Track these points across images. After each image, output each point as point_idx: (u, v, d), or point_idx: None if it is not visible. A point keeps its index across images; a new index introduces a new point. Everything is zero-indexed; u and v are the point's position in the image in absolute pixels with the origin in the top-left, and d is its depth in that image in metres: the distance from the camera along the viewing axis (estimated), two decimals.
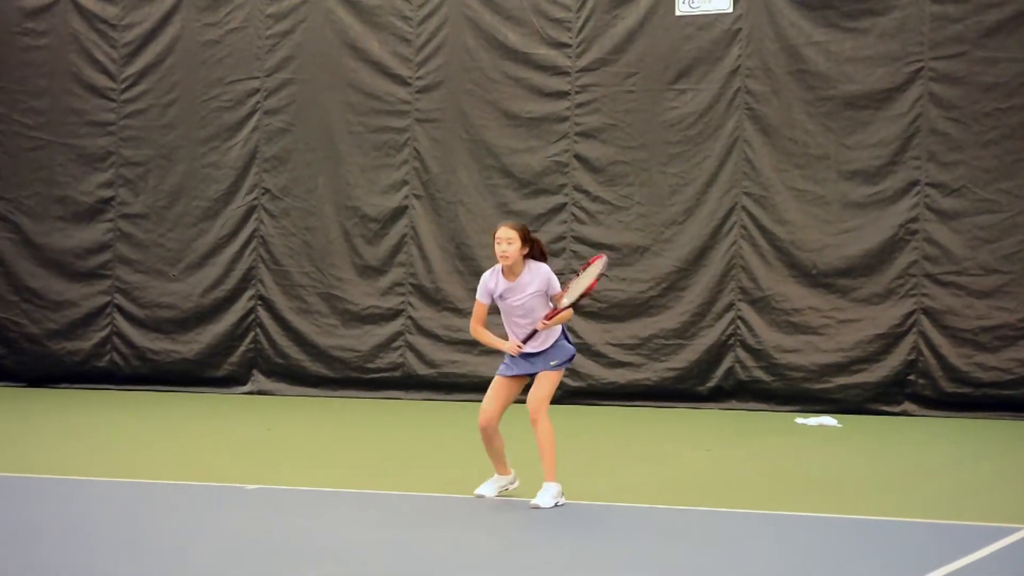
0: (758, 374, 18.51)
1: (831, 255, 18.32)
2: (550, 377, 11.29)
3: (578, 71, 19.18)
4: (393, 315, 19.81)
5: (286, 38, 20.18)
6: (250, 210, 20.33)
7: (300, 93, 20.15)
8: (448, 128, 19.64)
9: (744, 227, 18.63)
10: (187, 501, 11.42)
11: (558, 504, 11.06)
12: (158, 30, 20.64)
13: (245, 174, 20.33)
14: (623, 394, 18.88)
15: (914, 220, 18.07)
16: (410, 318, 19.73)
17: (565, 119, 19.22)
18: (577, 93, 19.17)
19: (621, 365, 18.96)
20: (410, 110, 19.77)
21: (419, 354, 19.57)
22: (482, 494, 11.40)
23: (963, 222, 17.94)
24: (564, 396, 18.95)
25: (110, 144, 20.83)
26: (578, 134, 19.17)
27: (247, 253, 20.32)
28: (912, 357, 18.05)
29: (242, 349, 20.36)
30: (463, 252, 19.42)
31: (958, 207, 17.93)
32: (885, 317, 18.15)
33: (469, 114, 19.55)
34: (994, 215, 17.85)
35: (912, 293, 18.09)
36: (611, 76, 19.07)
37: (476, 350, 18.49)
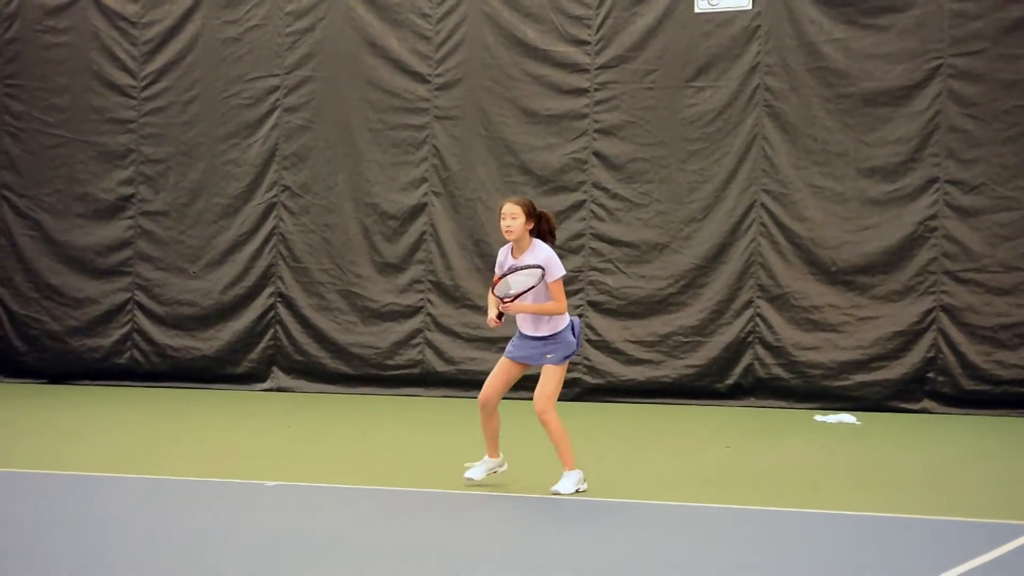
0: (777, 371, 18.50)
1: (850, 252, 18.31)
2: (552, 372, 11.43)
3: (597, 68, 19.18)
4: (412, 312, 19.83)
5: (306, 35, 20.22)
6: (270, 207, 20.37)
7: (320, 90, 20.18)
8: (467, 125, 19.65)
9: (763, 224, 18.62)
10: (206, 497, 11.45)
11: (579, 490, 11.28)
12: (178, 27, 20.68)
13: (265, 171, 20.37)
14: (642, 391, 18.88)
15: (933, 217, 18.05)
16: (429, 315, 19.75)
17: (584, 116, 19.23)
18: (596, 90, 19.18)
19: (640, 362, 18.96)
20: (429, 107, 19.79)
21: (438, 351, 19.59)
22: (471, 477, 11.68)
23: (982, 219, 17.91)
24: (583, 393, 18.99)
25: (130, 141, 20.88)
26: (597, 131, 19.17)
27: (267, 250, 20.36)
28: (931, 354, 18.03)
29: (262, 346, 20.40)
30: (482, 249, 19.42)
31: (977, 204, 17.91)
32: (904, 314, 18.13)
33: (488, 111, 19.57)
34: (1013, 212, 17.82)
35: (931, 290, 18.07)
36: (630, 73, 19.07)
37: (495, 347, 18.49)
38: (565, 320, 11.49)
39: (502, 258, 11.61)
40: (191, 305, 20.66)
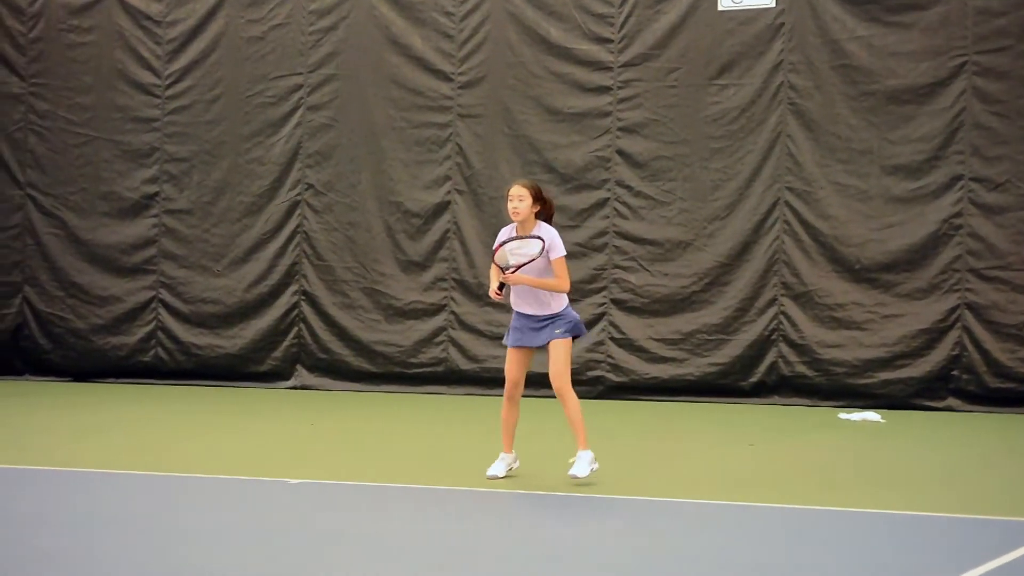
0: (801, 369, 18.47)
1: (874, 250, 18.27)
2: (562, 347, 11.80)
3: (620, 66, 19.17)
4: (436, 310, 19.85)
5: (329, 34, 20.25)
6: (293, 205, 20.41)
7: (343, 89, 20.21)
8: (490, 123, 19.66)
9: (787, 222, 18.60)
10: (230, 495, 11.48)
11: (593, 469, 11.64)
12: (202, 26, 20.73)
13: (289, 170, 20.41)
14: (665, 389, 18.87)
15: (958, 215, 18.01)
16: (453, 313, 19.77)
17: (607, 114, 19.22)
18: (619, 88, 19.17)
19: (663, 360, 18.95)
20: (452, 106, 19.81)
21: (462, 349, 19.61)
22: (495, 474, 11.93)
23: (1007, 217, 17.86)
24: (606, 391, 19.00)
25: (155, 140, 20.94)
26: (620, 129, 19.17)
27: (291, 248, 20.40)
28: (956, 352, 17.99)
29: (286, 344, 20.44)
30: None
31: (1002, 202, 17.86)
32: (929, 312, 18.09)
33: (511, 109, 19.57)
34: None
35: (956, 288, 18.02)
36: (653, 71, 19.06)
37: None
38: (565, 300, 11.86)
39: (504, 236, 11.89)
40: (215, 303, 20.71)
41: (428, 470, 12.72)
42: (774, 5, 18.57)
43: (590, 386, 19.04)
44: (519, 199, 11.78)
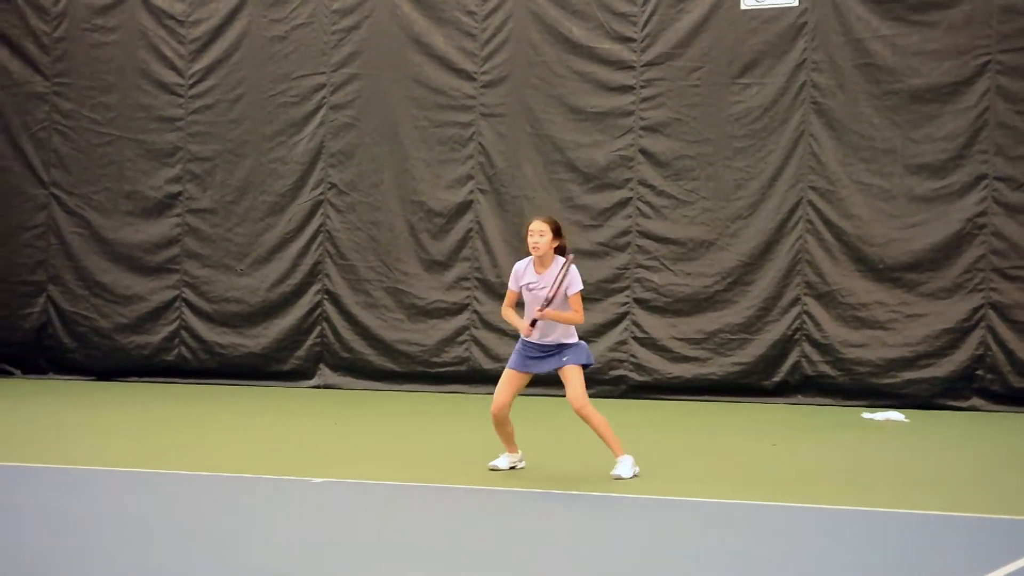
0: (824, 369, 18.44)
1: (898, 249, 18.24)
2: (576, 372, 11.92)
3: (643, 65, 19.16)
4: (458, 309, 19.86)
5: (351, 33, 20.27)
6: (316, 205, 20.44)
7: (366, 88, 20.23)
8: (513, 123, 19.67)
9: (810, 221, 18.57)
10: (254, 494, 11.49)
11: (636, 473, 11.87)
12: (225, 26, 20.77)
13: (311, 169, 20.43)
14: (688, 388, 18.86)
15: (981, 214, 17.96)
16: (475, 312, 19.78)
17: (630, 113, 19.21)
18: (642, 87, 19.16)
19: (686, 360, 18.94)
20: (475, 105, 19.81)
21: (484, 348, 19.62)
22: (496, 466, 12.27)
23: None
24: (629, 391, 18.99)
25: (178, 139, 20.98)
26: (643, 128, 19.16)
27: (313, 248, 20.43)
28: (980, 352, 17.95)
29: (309, 343, 20.47)
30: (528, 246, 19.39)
31: None
32: (952, 312, 18.05)
33: (534, 109, 19.58)
34: None
35: (980, 288, 17.98)
36: (676, 70, 19.04)
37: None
38: (574, 332, 12.01)
39: (520, 272, 12.01)
40: (238, 302, 20.75)
41: (451, 469, 12.72)
42: (797, 4, 18.54)
43: (613, 385, 19.04)
44: (539, 234, 11.89)
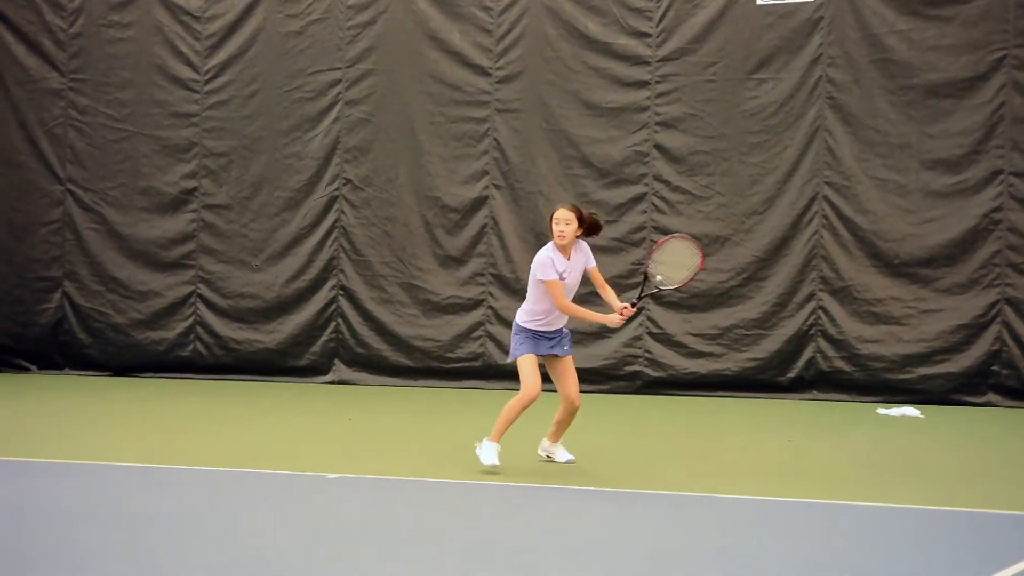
0: (839, 364, 18.42)
1: (913, 245, 18.21)
2: (572, 363, 12.19)
3: (658, 60, 19.15)
4: (473, 305, 19.87)
5: (367, 29, 20.28)
6: (331, 200, 20.45)
7: (381, 84, 20.24)
8: (528, 118, 19.66)
9: (825, 217, 18.55)
10: (268, 489, 11.51)
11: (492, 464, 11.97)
12: (240, 21, 20.79)
13: (327, 164, 20.45)
14: (704, 384, 18.84)
15: (997, 209, 17.93)
16: (490, 308, 19.78)
17: (645, 109, 19.20)
18: (657, 83, 19.15)
19: (702, 355, 18.93)
20: (490, 100, 19.81)
21: (499, 344, 19.61)
22: (559, 458, 12.41)
23: None
24: (644, 386, 18.99)
25: (193, 135, 21.00)
26: (658, 124, 19.14)
27: (328, 243, 20.44)
28: (996, 347, 17.92)
29: (324, 339, 20.48)
30: (543, 242, 19.26)
31: None
32: (968, 307, 18.02)
33: (549, 104, 19.57)
34: None
35: (995, 283, 17.94)
36: (691, 65, 19.03)
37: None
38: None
39: (556, 260, 12.03)
40: (253, 298, 20.77)
41: (466, 465, 12.72)
42: None
43: (628, 381, 19.04)
44: (566, 223, 11.95)
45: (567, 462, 12.27)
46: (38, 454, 13.12)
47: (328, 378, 20.38)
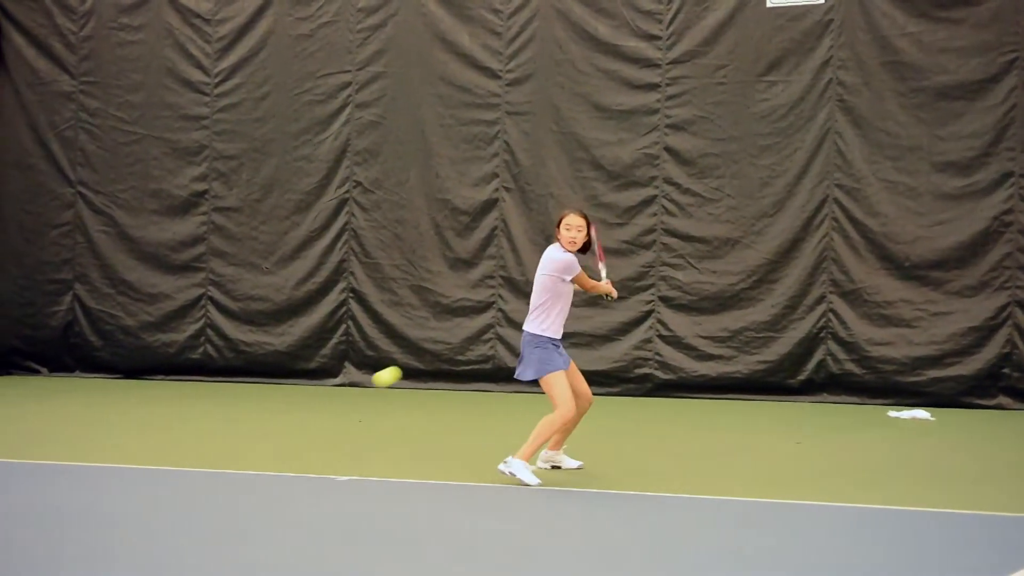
0: (850, 367, 18.41)
1: (924, 247, 18.19)
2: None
3: (668, 63, 19.14)
4: (483, 308, 19.87)
5: (377, 32, 20.29)
6: (342, 203, 20.46)
7: (391, 86, 20.25)
8: (538, 121, 19.67)
9: (836, 219, 18.53)
10: (279, 492, 11.51)
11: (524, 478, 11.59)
12: (251, 24, 20.82)
13: (337, 167, 20.47)
14: (713, 387, 18.83)
15: (1008, 212, 17.90)
16: (500, 310, 19.78)
17: (655, 111, 19.20)
18: (667, 85, 19.14)
19: (711, 358, 18.92)
20: (500, 103, 19.82)
21: (509, 346, 19.61)
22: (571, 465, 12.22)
23: None
24: (654, 389, 18.98)
25: (204, 138, 21.03)
26: (668, 126, 19.14)
27: (339, 246, 20.46)
28: (1007, 350, 17.89)
29: (334, 341, 20.50)
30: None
31: None
32: (979, 310, 18.00)
33: (559, 107, 19.57)
34: None
35: (1006, 285, 17.92)
36: (701, 68, 19.02)
37: (567, 342, 18.48)
38: None
39: (573, 259, 11.93)
40: (264, 300, 20.79)
41: (476, 468, 12.72)
42: (823, 1, 18.51)
43: (638, 383, 19.04)
44: (578, 229, 11.79)
45: (577, 468, 12.20)
46: (48, 456, 13.13)
47: (338, 380, 20.40)
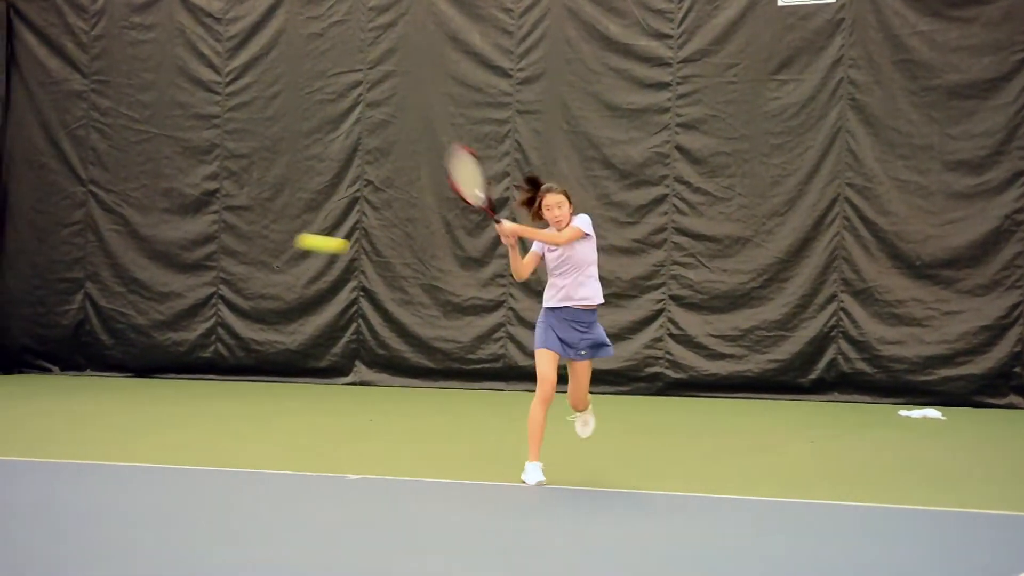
0: (861, 366, 18.38)
1: (935, 246, 18.17)
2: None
3: (679, 62, 19.13)
4: (494, 306, 19.87)
5: (388, 30, 20.30)
6: (352, 202, 20.47)
7: (402, 85, 20.26)
8: (549, 120, 19.66)
9: (847, 218, 18.51)
10: (290, 490, 11.52)
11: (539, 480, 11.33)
12: (262, 23, 20.84)
13: (348, 166, 20.48)
14: (724, 386, 18.82)
15: (1020, 211, 17.87)
16: (511, 309, 19.78)
17: (666, 110, 19.18)
18: (678, 84, 19.13)
19: (722, 357, 18.90)
20: (511, 102, 19.82)
21: (520, 345, 19.61)
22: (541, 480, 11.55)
23: None
24: (664, 388, 18.97)
25: (215, 137, 21.05)
26: (679, 125, 19.13)
27: (350, 245, 20.45)
28: (1018, 349, 17.86)
29: (345, 340, 20.51)
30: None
31: None
32: (990, 308, 17.97)
33: (570, 105, 19.57)
34: None
35: (1018, 284, 17.89)
36: (712, 67, 19.01)
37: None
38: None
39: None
40: (275, 299, 20.81)
41: (487, 467, 12.72)
42: (834, 0, 18.49)
43: (648, 382, 19.03)
44: (558, 207, 11.78)
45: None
46: (60, 455, 13.15)
47: (349, 379, 20.41)
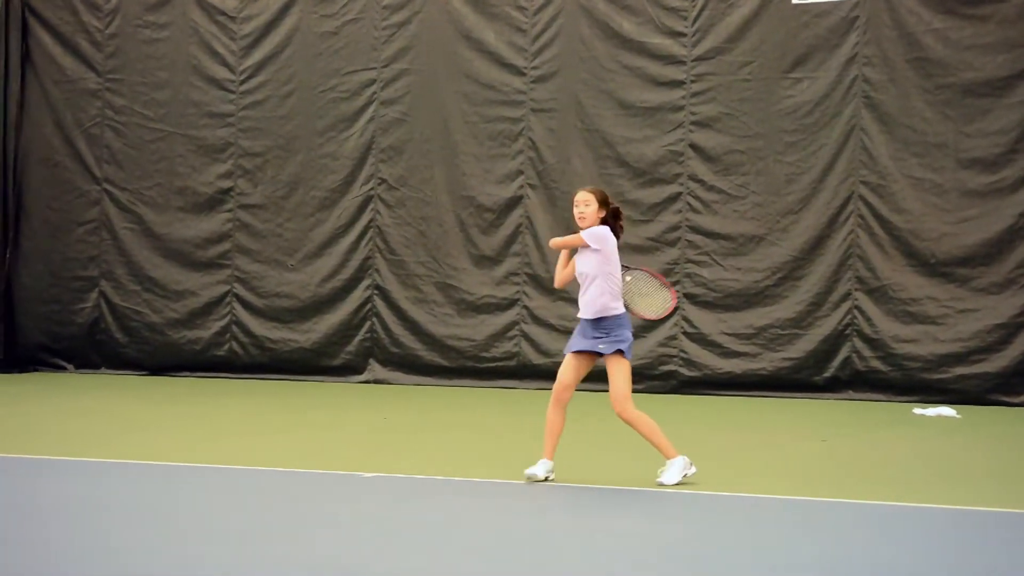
0: (875, 364, 18.36)
1: (949, 244, 18.14)
2: (617, 365, 11.73)
3: (693, 60, 19.12)
4: (508, 304, 19.88)
5: (402, 29, 20.31)
6: (366, 200, 20.48)
7: (416, 83, 20.26)
8: (563, 118, 19.66)
9: (861, 216, 18.49)
10: (304, 488, 11.53)
11: (687, 474, 11.37)
12: (276, 22, 20.85)
13: (362, 164, 20.48)
14: (739, 384, 18.81)
15: None
16: (525, 307, 19.78)
17: (680, 108, 19.17)
18: (692, 82, 19.12)
19: (737, 355, 18.89)
20: (525, 100, 19.81)
21: (534, 343, 19.62)
22: (535, 474, 11.56)
23: None
24: (679, 386, 18.96)
25: (229, 135, 21.07)
26: (693, 123, 19.12)
27: (364, 243, 20.47)
28: None
29: (359, 338, 20.51)
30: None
31: None
32: (1005, 307, 17.94)
33: (584, 103, 19.56)
34: None
35: None
36: (727, 65, 18.99)
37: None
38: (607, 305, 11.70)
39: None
40: (289, 297, 20.82)
41: (500, 465, 12.73)
42: None
43: (663, 380, 19.02)
44: (584, 204, 11.71)
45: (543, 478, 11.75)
46: (74, 453, 13.17)
47: (363, 378, 20.42)
